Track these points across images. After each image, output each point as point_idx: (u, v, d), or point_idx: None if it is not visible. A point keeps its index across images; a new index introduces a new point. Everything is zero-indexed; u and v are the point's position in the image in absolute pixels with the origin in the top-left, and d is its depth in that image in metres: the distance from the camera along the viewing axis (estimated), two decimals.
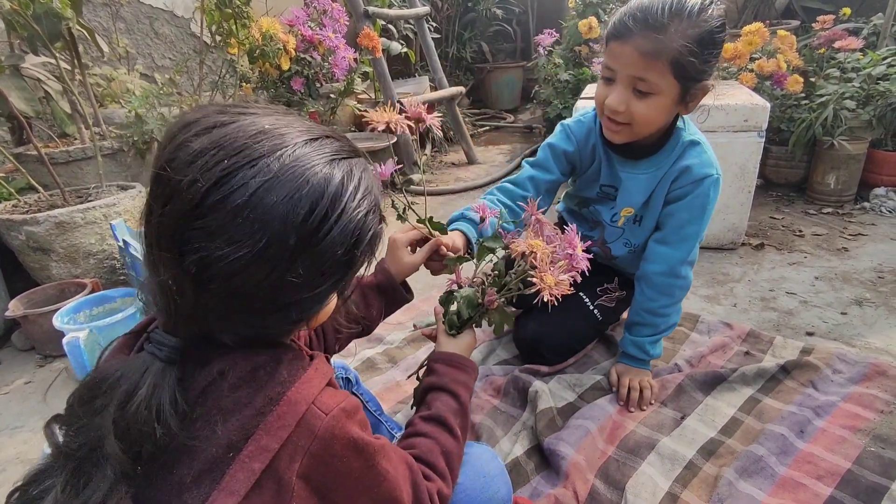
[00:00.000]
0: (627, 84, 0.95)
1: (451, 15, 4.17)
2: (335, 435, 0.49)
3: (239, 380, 0.47)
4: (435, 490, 0.61)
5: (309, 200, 0.44)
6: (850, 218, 2.11)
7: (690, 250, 1.11)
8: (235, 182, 0.42)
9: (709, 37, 0.89)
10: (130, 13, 2.41)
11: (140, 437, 0.44)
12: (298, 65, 2.15)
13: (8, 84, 1.61)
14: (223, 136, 0.44)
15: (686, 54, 0.88)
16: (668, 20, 0.88)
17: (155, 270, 0.46)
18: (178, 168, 0.43)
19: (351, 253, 0.49)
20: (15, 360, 1.52)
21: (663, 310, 1.15)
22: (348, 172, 0.48)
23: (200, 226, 0.42)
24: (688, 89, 0.95)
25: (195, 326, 0.47)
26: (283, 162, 0.44)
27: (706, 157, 1.07)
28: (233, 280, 0.44)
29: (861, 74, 2.16)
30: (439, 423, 0.69)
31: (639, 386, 1.17)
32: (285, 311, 0.48)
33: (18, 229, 1.52)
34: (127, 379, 0.45)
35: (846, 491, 0.93)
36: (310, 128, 0.49)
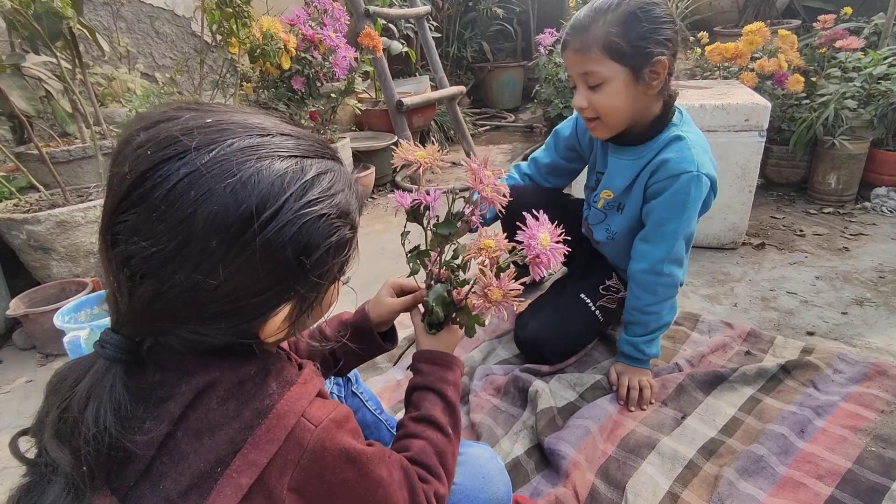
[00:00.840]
0: (581, 83, 1.06)
1: (452, 14, 4.17)
2: (325, 447, 0.48)
3: (226, 392, 0.46)
4: (431, 491, 0.61)
5: (234, 197, 0.41)
6: (851, 218, 2.11)
7: (671, 248, 1.11)
8: (159, 175, 0.40)
9: (632, 17, 0.98)
10: (131, 12, 2.40)
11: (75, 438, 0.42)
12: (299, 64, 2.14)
13: (9, 83, 1.61)
14: (161, 131, 0.42)
15: (613, 36, 0.98)
16: (590, 20, 1.01)
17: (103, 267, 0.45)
18: (119, 163, 0.42)
19: (295, 262, 0.44)
20: (16, 359, 1.53)
21: (649, 308, 1.15)
22: (296, 170, 0.44)
23: (125, 219, 0.41)
24: (637, 68, 1.01)
25: (134, 327, 0.45)
26: (215, 156, 0.41)
27: (687, 154, 1.07)
28: (152, 280, 0.41)
29: (862, 74, 2.16)
30: (429, 423, 0.68)
31: (638, 385, 1.17)
32: (218, 320, 0.44)
33: (19, 228, 1.52)
34: (70, 376, 0.44)
35: (847, 491, 0.93)
36: (272, 125, 0.46)
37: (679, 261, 1.14)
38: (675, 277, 1.14)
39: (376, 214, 2.52)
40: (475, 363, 1.35)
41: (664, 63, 1.00)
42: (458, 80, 4.14)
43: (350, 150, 2.55)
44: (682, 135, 1.09)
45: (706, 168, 1.07)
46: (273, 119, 0.47)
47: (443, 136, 3.61)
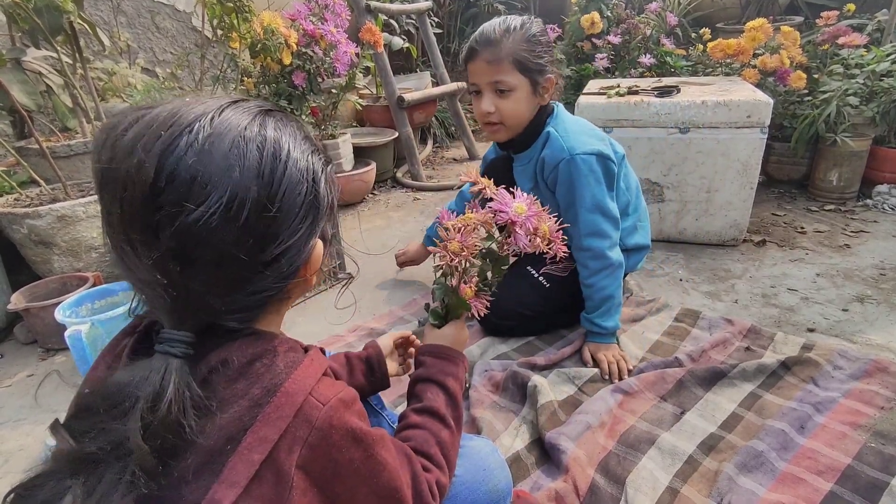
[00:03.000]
0: (490, 90, 1.21)
1: (454, 10, 4.16)
2: (333, 425, 0.49)
3: (235, 372, 0.48)
4: (434, 480, 0.61)
5: (254, 145, 0.46)
6: (853, 215, 2.10)
7: (581, 223, 1.25)
8: (180, 148, 0.43)
9: (534, 38, 1.19)
10: (132, 7, 2.40)
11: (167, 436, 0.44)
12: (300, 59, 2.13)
13: (9, 77, 1.61)
14: (150, 119, 0.45)
15: (521, 51, 1.17)
16: (500, 35, 1.18)
17: (138, 270, 0.46)
18: (121, 159, 0.43)
19: (314, 191, 0.50)
20: (17, 354, 1.53)
21: (587, 280, 1.29)
22: (279, 120, 0.50)
23: (163, 202, 0.43)
24: (536, 82, 1.20)
25: (199, 314, 0.47)
26: (215, 120, 0.45)
27: (557, 144, 1.24)
28: (212, 243, 0.44)
29: (865, 71, 2.15)
30: (431, 414, 0.69)
31: (613, 358, 1.27)
32: (275, 263, 0.48)
33: (20, 223, 1.52)
34: (149, 382, 0.44)
35: (846, 486, 0.93)
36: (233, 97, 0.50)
37: (597, 233, 1.25)
38: (599, 249, 1.26)
39: (377, 210, 2.52)
40: (474, 358, 1.35)
41: (552, 80, 1.22)
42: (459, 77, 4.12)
43: (351, 145, 2.55)
44: (550, 130, 1.26)
45: (580, 148, 1.22)
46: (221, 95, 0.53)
47: (444, 133, 3.61)
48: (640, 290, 1.66)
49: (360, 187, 2.55)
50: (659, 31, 2.93)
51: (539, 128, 1.28)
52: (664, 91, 1.86)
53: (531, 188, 1.32)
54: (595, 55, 2.84)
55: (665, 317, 1.48)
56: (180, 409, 0.44)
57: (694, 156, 1.79)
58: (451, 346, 0.80)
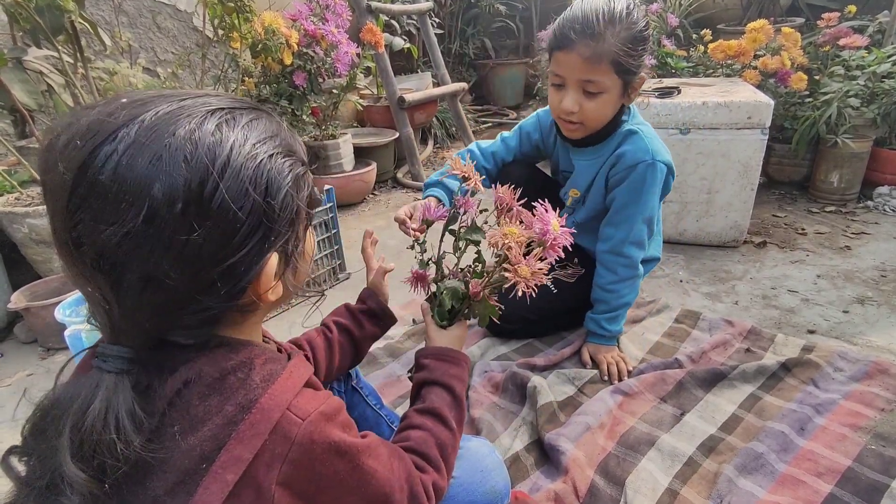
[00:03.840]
0: (577, 87, 1.08)
1: (455, 11, 4.16)
2: (314, 440, 0.47)
3: (207, 388, 0.45)
4: (430, 482, 0.61)
5: (181, 154, 0.41)
6: (853, 216, 2.10)
7: (631, 230, 1.20)
8: (98, 161, 0.40)
9: (639, 35, 1.04)
10: (133, 7, 2.40)
11: (100, 454, 0.42)
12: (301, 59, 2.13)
13: (10, 77, 1.61)
14: (81, 124, 0.42)
15: (622, 54, 1.02)
16: (604, 27, 1.01)
17: (74, 279, 0.44)
18: (49, 169, 0.41)
19: (263, 204, 0.44)
20: (18, 353, 1.53)
21: (610, 286, 1.25)
22: (228, 120, 0.44)
23: (80, 217, 0.40)
24: (628, 83, 1.09)
25: (135, 331, 0.44)
26: (144, 125, 0.41)
27: (642, 145, 1.16)
28: (135, 263, 0.41)
29: (866, 72, 2.15)
30: (433, 416, 0.68)
31: (613, 360, 1.26)
32: (212, 286, 0.44)
33: (21, 222, 1.52)
34: (78, 397, 0.42)
35: (846, 488, 0.93)
36: (188, 92, 0.46)
37: (639, 243, 1.22)
38: (635, 259, 1.22)
39: (378, 210, 2.52)
40: (474, 359, 1.35)
41: (643, 79, 1.11)
42: (460, 77, 4.13)
43: (351, 146, 2.55)
44: (636, 129, 1.18)
45: (661, 155, 1.16)
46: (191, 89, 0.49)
47: (444, 133, 3.61)
48: (641, 291, 1.65)
49: (360, 187, 2.55)
50: (660, 32, 2.93)
51: (615, 124, 1.19)
52: (665, 92, 1.86)
53: (589, 183, 1.25)
54: None
55: (665, 318, 1.48)
56: (109, 427, 0.41)
57: (694, 157, 1.79)
58: (455, 346, 0.80)
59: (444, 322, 0.83)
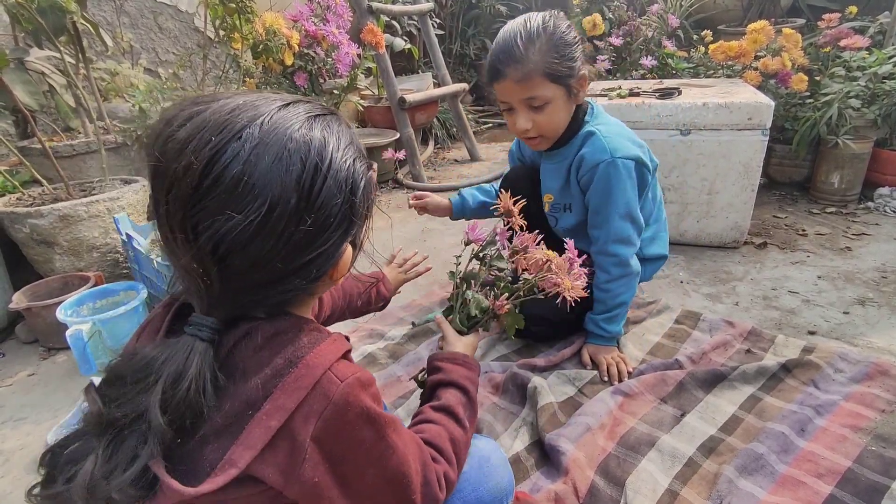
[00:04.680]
0: (523, 107, 1.13)
1: (455, 11, 4.17)
2: (349, 402, 0.50)
3: (262, 341, 0.50)
4: (442, 472, 0.63)
5: (298, 156, 0.47)
6: (854, 217, 2.10)
7: (611, 229, 1.21)
8: (227, 155, 0.45)
9: (560, 42, 1.08)
10: (134, 7, 2.41)
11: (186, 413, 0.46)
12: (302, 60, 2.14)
13: (12, 77, 1.62)
14: (204, 120, 0.46)
15: (550, 64, 1.07)
16: (524, 49, 1.06)
17: (177, 257, 0.48)
18: (171, 158, 0.45)
19: (350, 200, 0.51)
20: (19, 353, 1.53)
21: (605, 285, 1.26)
22: (326, 126, 0.51)
23: (205, 205, 0.45)
24: (569, 86, 1.12)
25: (230, 306, 0.50)
26: (265, 128, 0.46)
27: (600, 145, 1.18)
28: (249, 250, 0.46)
29: (867, 73, 2.15)
30: (447, 413, 0.71)
31: (613, 361, 1.27)
32: (305, 268, 0.50)
33: (22, 222, 1.53)
34: (174, 361, 0.47)
35: (847, 489, 0.93)
36: (281, 97, 0.51)
37: (624, 239, 1.22)
38: (623, 256, 1.23)
39: (378, 212, 2.52)
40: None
41: (585, 76, 1.13)
42: (460, 78, 4.13)
43: None
44: (593, 129, 1.20)
45: (622, 151, 1.17)
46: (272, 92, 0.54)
47: (445, 134, 3.61)
48: (641, 291, 1.65)
49: None
50: (660, 32, 2.93)
51: (576, 126, 1.22)
52: (665, 93, 1.86)
53: (560, 186, 1.29)
54: (596, 57, 2.84)
55: (665, 319, 1.48)
56: (199, 390, 0.46)
57: (695, 158, 1.79)
58: (470, 353, 0.84)
59: (465, 328, 0.89)
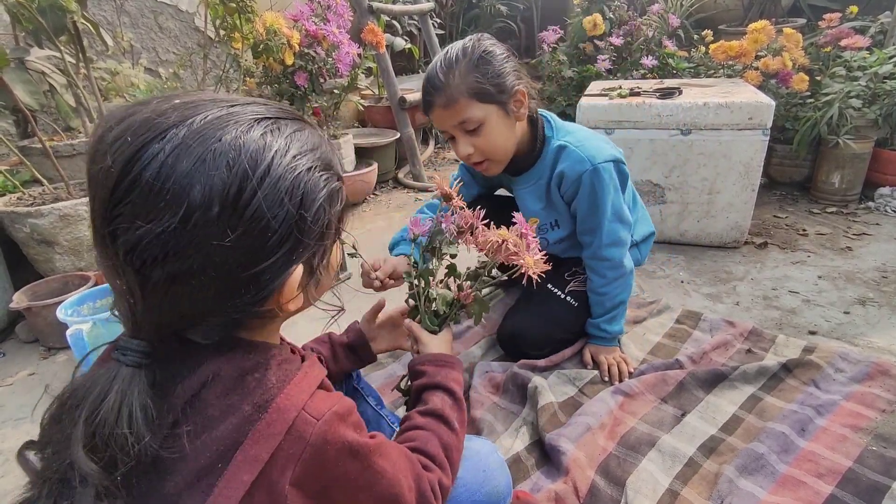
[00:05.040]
0: (460, 132, 1.10)
1: (456, 11, 4.16)
2: (327, 440, 0.47)
3: (226, 387, 0.46)
4: (436, 480, 0.61)
5: (224, 160, 0.42)
6: (855, 217, 2.10)
7: (603, 234, 1.20)
8: (145, 157, 0.40)
9: (482, 60, 1.05)
10: (135, 7, 2.41)
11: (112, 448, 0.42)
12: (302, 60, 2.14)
13: (13, 77, 1.62)
14: (134, 120, 0.42)
15: (473, 83, 1.05)
16: (445, 75, 1.05)
17: (105, 271, 0.44)
18: (98, 160, 0.42)
19: (298, 216, 0.45)
20: (19, 352, 1.53)
21: (601, 289, 1.26)
22: (273, 130, 0.45)
23: (121, 211, 0.41)
24: (503, 103, 1.08)
25: (154, 326, 0.45)
26: (192, 128, 0.42)
27: (576, 156, 1.16)
28: (165, 262, 0.41)
29: (867, 73, 2.15)
30: (436, 417, 0.69)
31: (614, 361, 1.27)
32: (237, 291, 0.44)
33: (23, 221, 1.53)
34: (95, 388, 0.43)
35: (847, 489, 0.93)
36: (237, 99, 0.47)
37: (616, 242, 1.22)
38: (617, 258, 1.23)
39: (378, 211, 2.52)
40: (475, 359, 1.35)
41: (523, 91, 1.10)
42: None
43: (353, 146, 2.55)
44: (563, 143, 1.19)
45: (599, 157, 1.16)
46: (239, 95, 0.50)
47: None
48: (642, 291, 1.65)
49: (361, 188, 2.55)
50: (661, 32, 2.93)
51: (537, 143, 1.20)
52: (666, 92, 1.86)
53: (543, 207, 1.27)
54: (597, 57, 2.84)
55: (666, 318, 1.48)
56: (122, 421, 0.42)
57: (695, 157, 1.79)
58: (447, 351, 0.82)
59: (436, 327, 0.86)
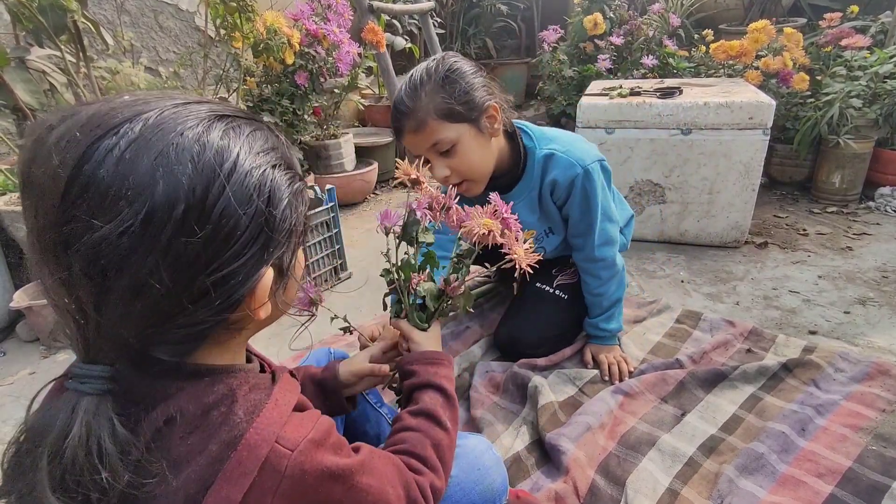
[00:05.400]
0: (434, 155, 1.07)
1: (456, 10, 4.16)
2: (305, 470, 0.45)
3: (189, 425, 0.43)
4: (426, 483, 0.60)
5: (189, 155, 0.39)
6: (855, 217, 2.10)
7: (596, 235, 1.21)
8: (98, 154, 0.37)
9: (448, 79, 1.02)
10: (135, 6, 2.40)
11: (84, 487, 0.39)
12: (302, 59, 2.14)
13: (13, 76, 1.61)
14: (79, 119, 0.39)
15: (440, 104, 1.01)
16: (412, 100, 1.02)
17: (50, 290, 0.40)
18: (40, 164, 0.38)
19: (266, 213, 0.43)
20: (19, 352, 1.53)
21: (597, 290, 1.27)
22: (234, 128, 0.43)
23: (75, 213, 0.37)
24: (475, 120, 1.05)
25: (118, 346, 0.41)
26: (149, 123, 0.39)
27: (565, 162, 1.16)
28: (127, 268, 0.38)
29: (868, 73, 2.15)
30: (427, 417, 0.68)
31: (615, 360, 1.27)
32: (205, 296, 0.41)
33: (23, 221, 1.53)
34: (54, 424, 0.39)
35: (847, 489, 0.93)
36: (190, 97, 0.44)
37: (608, 241, 1.23)
38: (610, 258, 1.24)
39: (378, 210, 2.52)
40: (475, 358, 1.35)
41: (495, 106, 1.07)
42: None
43: (353, 145, 2.55)
44: (549, 151, 1.17)
45: (587, 159, 1.16)
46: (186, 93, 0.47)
47: None
48: (642, 291, 1.65)
49: (362, 187, 2.56)
50: (661, 32, 2.93)
51: (520, 156, 1.18)
52: (666, 92, 1.86)
53: (537, 217, 1.25)
54: (597, 56, 2.84)
55: (666, 318, 1.48)
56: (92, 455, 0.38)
57: (696, 157, 1.79)
58: (436, 347, 0.80)
59: (424, 325, 0.83)
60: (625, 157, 1.86)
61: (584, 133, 1.86)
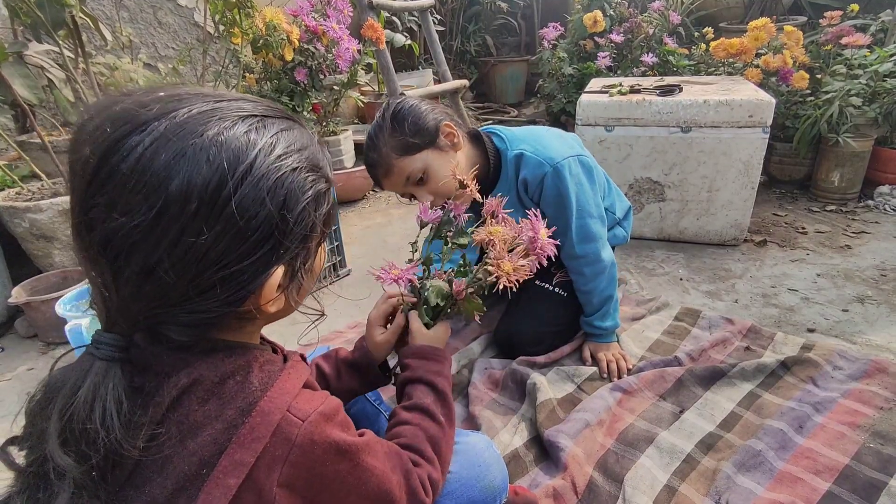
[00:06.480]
0: (412, 188, 1.12)
1: (456, 7, 4.15)
2: (314, 441, 0.47)
3: (207, 392, 0.45)
4: (425, 475, 0.61)
5: (205, 155, 0.41)
6: (854, 216, 2.10)
7: (573, 233, 1.21)
8: (124, 148, 0.40)
9: (397, 120, 1.08)
10: (134, 2, 2.39)
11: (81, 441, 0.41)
12: (302, 55, 2.13)
13: (11, 72, 1.61)
14: (114, 110, 0.42)
15: (399, 144, 1.08)
16: (374, 152, 1.09)
17: (81, 265, 0.44)
18: (77, 150, 0.42)
19: (279, 216, 0.44)
20: (18, 347, 1.53)
21: (585, 287, 1.28)
22: (258, 128, 0.44)
23: (98, 201, 0.40)
24: (432, 143, 1.10)
25: (126, 320, 0.44)
26: (175, 122, 0.41)
27: (534, 161, 1.18)
28: (137, 255, 0.40)
29: (868, 71, 2.14)
30: (420, 411, 0.69)
31: (613, 357, 1.28)
32: (211, 290, 0.43)
33: (21, 217, 1.52)
34: (68, 382, 0.43)
35: (844, 486, 0.93)
36: (224, 93, 0.46)
37: (588, 237, 1.22)
38: (592, 255, 1.23)
39: (378, 207, 2.52)
40: (474, 355, 1.35)
41: (447, 124, 1.12)
42: (461, 74, 4.12)
43: (352, 142, 2.55)
44: (519, 151, 1.20)
45: (558, 158, 1.16)
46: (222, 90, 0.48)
47: None
48: (641, 288, 1.66)
49: (361, 184, 2.55)
50: (662, 29, 2.93)
51: (493, 159, 1.22)
52: (666, 90, 1.86)
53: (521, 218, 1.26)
54: (597, 53, 2.84)
55: (665, 316, 1.49)
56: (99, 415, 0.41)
57: (695, 155, 1.78)
58: (439, 345, 0.80)
59: (429, 320, 0.83)
60: (624, 154, 1.86)
61: (583, 130, 1.86)
